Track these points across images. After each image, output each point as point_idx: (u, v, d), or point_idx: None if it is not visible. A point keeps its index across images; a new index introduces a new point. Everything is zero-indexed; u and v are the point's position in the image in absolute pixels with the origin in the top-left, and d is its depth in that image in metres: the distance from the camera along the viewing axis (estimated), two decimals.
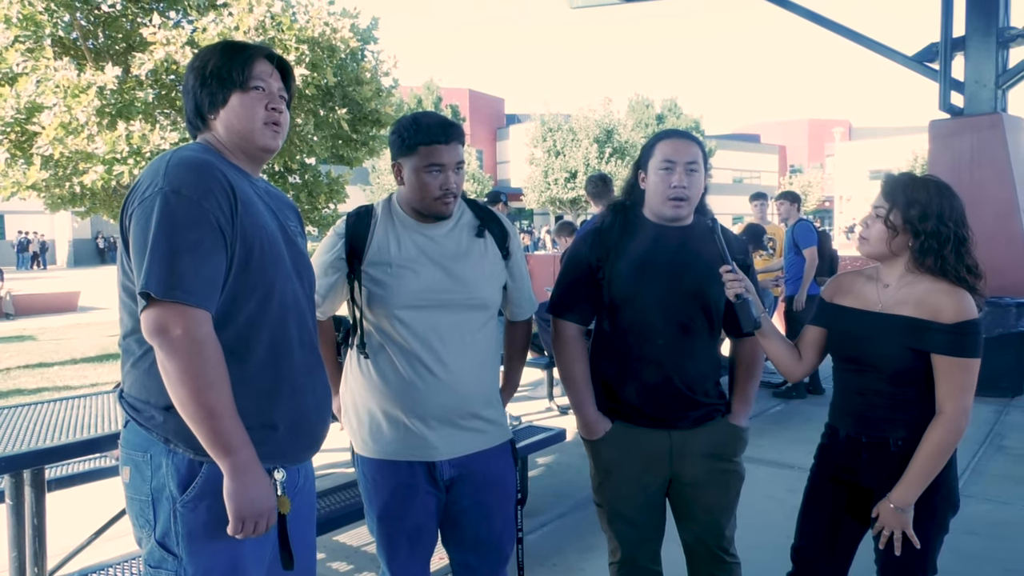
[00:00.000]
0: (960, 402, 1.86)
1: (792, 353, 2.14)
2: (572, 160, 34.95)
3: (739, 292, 1.99)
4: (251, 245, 1.56)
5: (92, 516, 3.46)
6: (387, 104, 10.16)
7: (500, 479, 2.14)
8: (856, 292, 2.04)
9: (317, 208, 10.26)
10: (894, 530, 1.91)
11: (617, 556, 2.31)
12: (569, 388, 2.27)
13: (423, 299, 2.00)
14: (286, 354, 1.63)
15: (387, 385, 2.02)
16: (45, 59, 7.88)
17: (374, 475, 2.06)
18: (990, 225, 7.31)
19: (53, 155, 7.74)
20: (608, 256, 2.18)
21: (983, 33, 7.48)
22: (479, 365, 2.09)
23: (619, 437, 2.22)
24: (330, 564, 3.46)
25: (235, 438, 1.49)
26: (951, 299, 1.86)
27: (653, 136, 2.23)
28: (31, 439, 2.65)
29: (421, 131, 1.98)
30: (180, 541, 1.53)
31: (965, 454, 4.99)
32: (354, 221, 2.07)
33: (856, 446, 2.02)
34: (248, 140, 1.66)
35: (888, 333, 1.92)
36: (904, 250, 1.94)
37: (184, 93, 1.71)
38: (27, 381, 8.14)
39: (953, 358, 1.85)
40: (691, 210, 2.16)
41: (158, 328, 1.44)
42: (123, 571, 2.56)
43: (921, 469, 1.87)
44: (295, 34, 8.44)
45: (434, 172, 1.98)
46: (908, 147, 42.64)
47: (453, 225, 2.10)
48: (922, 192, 1.90)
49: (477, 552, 2.14)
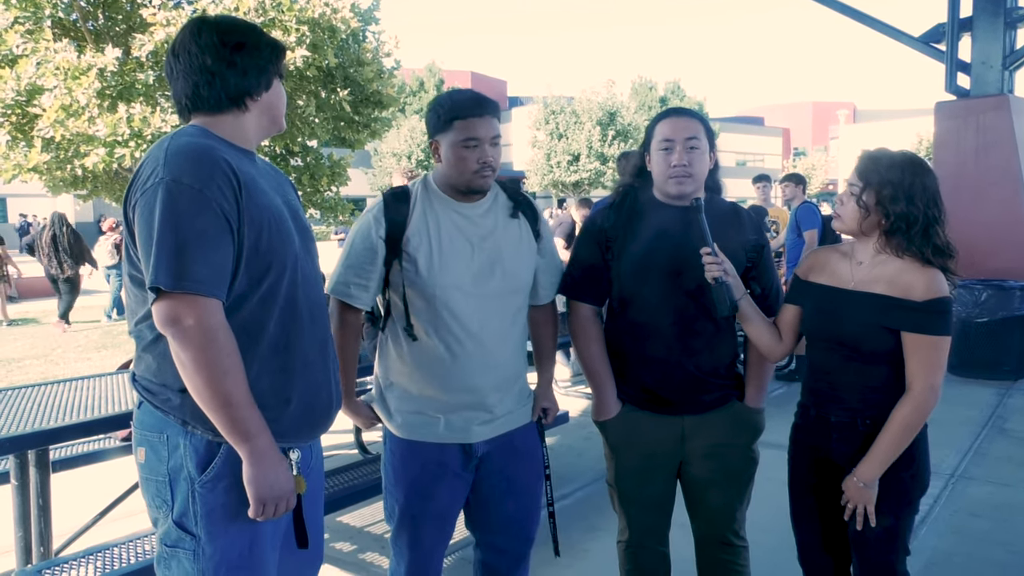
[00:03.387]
0: (928, 380, 1.86)
1: (773, 334, 2.13)
2: (575, 143, 34.78)
3: (716, 275, 1.97)
4: (259, 227, 1.56)
5: (97, 496, 3.47)
6: (389, 86, 10.07)
7: (530, 454, 2.17)
8: (831, 269, 2.04)
9: (319, 191, 10.21)
10: (858, 505, 1.93)
11: (626, 536, 2.31)
12: (587, 369, 2.25)
13: (464, 281, 2.00)
14: (297, 330, 1.64)
15: (424, 367, 2.02)
16: (45, 41, 7.82)
17: (404, 454, 2.06)
18: (995, 207, 7.28)
19: (54, 137, 7.71)
20: (617, 237, 2.16)
21: (991, 14, 7.41)
22: (516, 347, 2.11)
23: (629, 420, 2.21)
24: (334, 544, 3.48)
25: (252, 424, 1.50)
26: (922, 277, 1.86)
27: (654, 117, 2.20)
28: (36, 420, 2.66)
29: (456, 106, 1.98)
30: (199, 521, 1.55)
31: (967, 437, 5.00)
32: (391, 203, 2.04)
33: (826, 425, 2.03)
34: (277, 123, 1.74)
35: (860, 311, 1.92)
36: (875, 229, 1.94)
37: (221, 67, 1.60)
38: (31, 363, 8.17)
39: (923, 336, 1.86)
40: (697, 186, 2.11)
41: (171, 319, 1.44)
42: (128, 551, 2.57)
43: (887, 445, 1.89)
44: (295, 15, 8.36)
45: (471, 145, 1.97)
46: (914, 129, 42.35)
47: (490, 205, 2.10)
48: (895, 172, 1.88)
49: (505, 532, 2.17)
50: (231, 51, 1.61)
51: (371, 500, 3.51)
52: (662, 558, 2.31)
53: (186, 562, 1.56)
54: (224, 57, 1.61)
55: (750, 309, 2.09)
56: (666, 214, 2.14)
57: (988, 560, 3.25)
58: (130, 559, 2.52)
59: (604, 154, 34.38)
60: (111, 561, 2.50)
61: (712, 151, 2.15)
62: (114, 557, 2.53)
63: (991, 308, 6.56)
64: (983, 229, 7.24)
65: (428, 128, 2.06)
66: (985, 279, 6.82)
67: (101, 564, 2.48)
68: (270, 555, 1.65)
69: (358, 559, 3.38)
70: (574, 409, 5.34)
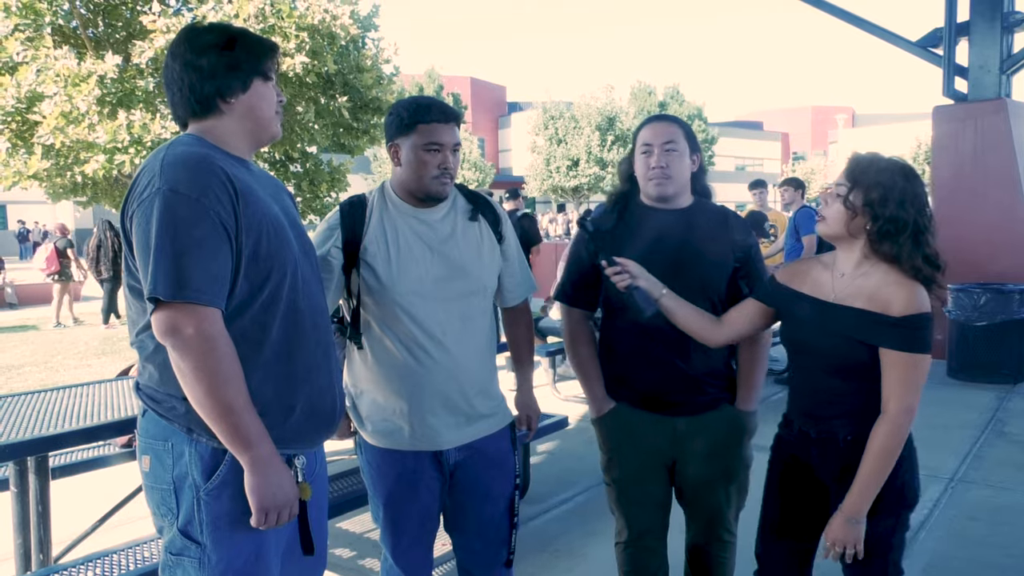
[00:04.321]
0: (904, 400, 1.79)
1: (704, 320, 2.08)
2: (574, 148, 34.84)
3: (627, 284, 2.00)
4: (258, 234, 1.56)
5: (96, 503, 3.47)
6: (388, 92, 10.10)
7: (501, 461, 2.16)
8: (812, 280, 1.96)
9: (319, 197, 10.24)
10: (846, 547, 1.81)
11: (624, 536, 2.33)
12: (576, 368, 2.34)
13: (423, 287, 2.00)
14: (299, 335, 1.64)
15: (390, 375, 2.02)
16: (45, 48, 7.85)
17: (379, 463, 2.07)
18: (993, 211, 7.29)
19: (54, 144, 7.73)
20: (605, 246, 2.17)
21: (988, 18, 7.43)
22: (480, 351, 2.10)
23: (624, 420, 2.25)
24: (333, 550, 3.48)
25: (253, 432, 1.50)
26: (902, 291, 1.79)
27: (638, 124, 2.26)
28: (35, 427, 2.66)
29: (421, 110, 1.99)
30: (204, 529, 1.54)
31: (967, 440, 5.00)
32: (348, 211, 2.05)
33: (806, 440, 1.97)
34: (264, 127, 1.69)
35: (838, 324, 1.86)
36: (861, 233, 1.86)
37: (188, 73, 1.61)
38: (30, 370, 8.18)
39: (900, 353, 1.78)
40: (677, 188, 2.16)
41: (170, 329, 1.44)
42: (128, 558, 2.57)
43: (870, 475, 1.81)
44: (295, 21, 8.39)
45: (433, 151, 1.99)
46: (912, 133, 42.37)
47: (448, 210, 2.10)
48: (886, 175, 1.83)
49: (480, 536, 2.16)
50: (198, 55, 1.61)
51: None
52: (660, 558, 2.33)
53: (191, 570, 1.55)
54: (191, 62, 1.61)
55: (672, 303, 2.07)
56: (656, 218, 2.18)
57: (987, 564, 3.25)
58: (129, 566, 2.51)
59: (603, 159, 34.44)
60: (110, 568, 2.50)
61: (695, 155, 2.19)
62: (113, 564, 2.53)
63: (990, 311, 6.56)
64: (982, 233, 7.25)
65: (387, 132, 2.06)
66: (984, 282, 6.82)
67: (100, 571, 2.48)
68: (274, 562, 1.65)
69: (357, 565, 3.38)
70: (574, 414, 5.34)
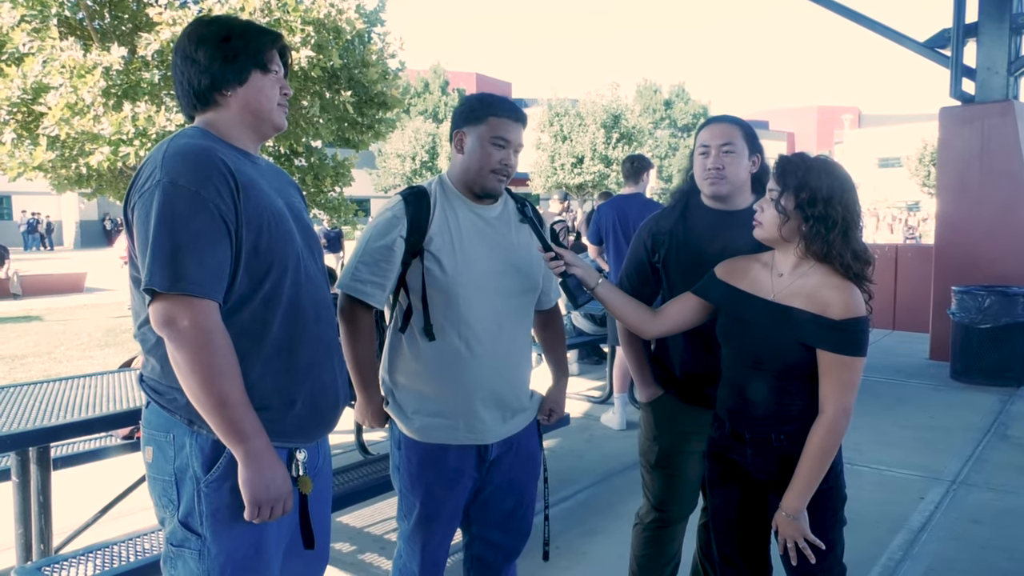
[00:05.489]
0: (840, 401, 1.81)
1: (639, 311, 2.13)
2: (579, 145, 34.75)
3: (562, 271, 2.03)
4: (259, 227, 1.55)
5: (98, 494, 3.48)
6: (393, 87, 10.10)
7: (533, 456, 2.21)
8: (751, 278, 1.97)
9: (323, 191, 10.25)
10: (796, 540, 1.86)
11: (652, 516, 2.42)
12: (631, 359, 2.45)
13: (486, 280, 2.02)
14: (301, 330, 1.64)
15: (445, 368, 2.02)
16: (51, 39, 7.86)
17: (420, 459, 2.06)
18: (999, 212, 7.26)
19: (59, 136, 7.74)
20: (664, 241, 2.28)
21: (996, 19, 7.39)
22: (526, 347, 2.17)
23: (671, 406, 2.36)
24: (334, 545, 3.47)
25: (247, 425, 1.50)
26: (840, 295, 1.81)
27: (699, 125, 2.33)
28: (37, 417, 2.66)
29: (495, 104, 2.05)
30: (204, 521, 1.54)
31: (969, 443, 4.99)
32: (412, 201, 2.04)
33: (741, 441, 1.97)
34: (264, 119, 1.68)
35: (778, 324, 1.87)
36: (795, 235, 1.87)
37: (187, 66, 1.63)
38: (33, 360, 8.20)
39: (837, 355, 1.81)
40: (732, 188, 2.22)
41: (166, 320, 1.45)
42: (128, 549, 2.57)
43: (808, 473, 1.83)
44: (300, 15, 8.38)
45: (499, 145, 2.02)
46: (918, 134, 42.26)
47: (502, 209, 2.14)
48: (812, 175, 1.84)
49: (502, 527, 2.18)
50: (196, 47, 1.62)
51: (371, 501, 3.52)
52: (678, 546, 2.43)
53: (191, 562, 1.56)
54: (190, 55, 1.62)
55: (607, 291, 2.11)
56: (712, 218, 2.25)
57: (989, 567, 3.24)
58: (130, 557, 2.52)
59: (608, 157, 34.34)
60: (111, 559, 2.50)
61: (755, 155, 2.25)
62: (114, 555, 2.53)
63: (994, 314, 6.54)
64: (987, 234, 7.23)
65: (456, 119, 2.08)
66: (988, 285, 6.80)
67: (101, 562, 2.48)
68: (275, 556, 1.64)
69: (358, 559, 3.38)
70: (575, 412, 5.34)
